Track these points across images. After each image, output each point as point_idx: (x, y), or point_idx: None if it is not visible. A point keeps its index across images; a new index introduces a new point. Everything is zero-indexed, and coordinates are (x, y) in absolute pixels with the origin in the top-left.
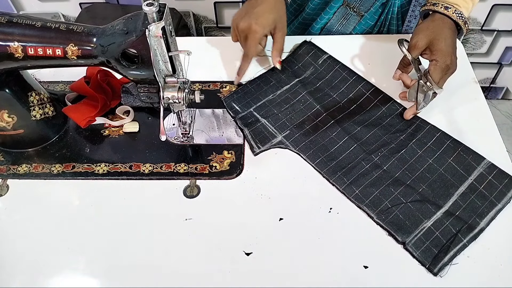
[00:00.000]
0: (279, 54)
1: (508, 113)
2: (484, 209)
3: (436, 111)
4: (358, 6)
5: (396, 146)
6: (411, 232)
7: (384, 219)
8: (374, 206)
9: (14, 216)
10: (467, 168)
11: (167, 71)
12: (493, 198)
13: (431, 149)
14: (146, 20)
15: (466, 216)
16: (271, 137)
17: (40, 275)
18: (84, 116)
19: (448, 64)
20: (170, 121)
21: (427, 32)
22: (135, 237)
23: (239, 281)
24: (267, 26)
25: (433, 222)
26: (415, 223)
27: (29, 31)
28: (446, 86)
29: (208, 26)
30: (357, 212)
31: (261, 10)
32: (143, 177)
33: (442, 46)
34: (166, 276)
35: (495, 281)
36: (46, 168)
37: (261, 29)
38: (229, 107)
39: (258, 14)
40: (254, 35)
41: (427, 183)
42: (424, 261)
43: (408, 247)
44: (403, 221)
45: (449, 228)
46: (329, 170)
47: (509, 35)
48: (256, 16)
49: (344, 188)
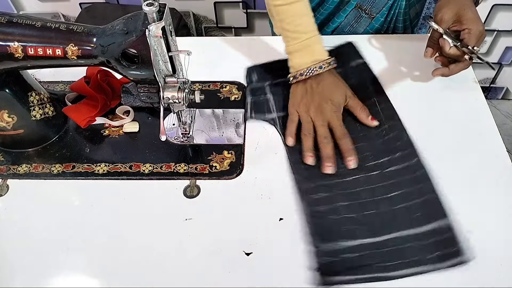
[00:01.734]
0: (367, 114)
1: (508, 113)
2: (409, 262)
3: (436, 111)
4: (370, 8)
5: (373, 165)
6: (327, 241)
7: (312, 220)
8: (311, 205)
9: (14, 216)
10: (425, 217)
11: (167, 71)
12: (427, 258)
13: (405, 184)
14: (146, 20)
15: (390, 257)
16: (267, 112)
17: (40, 275)
18: (84, 116)
19: (481, 30)
20: (170, 121)
21: (450, 6)
22: (135, 237)
23: (239, 281)
24: (343, 102)
25: (354, 244)
26: (334, 236)
27: (29, 31)
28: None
29: (208, 26)
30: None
31: (327, 89)
32: (143, 177)
33: (470, 14)
34: (166, 276)
35: (495, 281)
36: (46, 168)
37: (339, 109)
38: (248, 74)
39: (327, 94)
40: (338, 117)
41: (377, 210)
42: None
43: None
44: (326, 229)
45: (366, 257)
46: (299, 173)
47: (509, 35)
48: (326, 97)
49: (299, 186)
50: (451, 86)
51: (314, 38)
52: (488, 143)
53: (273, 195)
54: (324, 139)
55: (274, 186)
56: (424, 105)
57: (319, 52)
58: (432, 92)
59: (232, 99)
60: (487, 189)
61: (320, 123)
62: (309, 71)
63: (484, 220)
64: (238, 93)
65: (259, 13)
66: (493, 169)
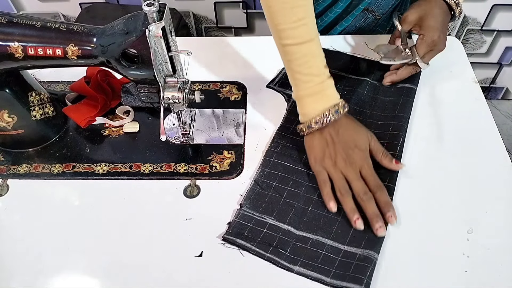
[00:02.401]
0: (390, 158)
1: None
2: (315, 266)
3: (436, 111)
4: (377, 9)
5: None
6: (253, 209)
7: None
8: (263, 176)
9: (14, 216)
10: (360, 241)
11: (167, 71)
12: (333, 271)
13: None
14: (146, 20)
15: (302, 252)
16: (290, 89)
17: (40, 275)
18: (84, 116)
19: (434, 39)
20: (170, 121)
21: (418, 9)
22: (135, 237)
23: (239, 281)
24: (367, 143)
25: (279, 226)
26: (263, 210)
27: (29, 31)
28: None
29: (208, 26)
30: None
31: (349, 135)
32: (143, 177)
33: (430, 22)
34: (166, 276)
35: (495, 281)
36: (46, 168)
37: (368, 154)
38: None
39: (350, 141)
40: (369, 164)
41: (323, 213)
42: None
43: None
44: (260, 200)
45: (282, 241)
46: (276, 147)
47: (509, 35)
48: (350, 145)
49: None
50: (451, 86)
51: (327, 81)
52: (488, 143)
53: None
54: (364, 195)
55: None
56: (424, 105)
57: (333, 97)
58: (432, 92)
59: (232, 99)
60: (487, 189)
61: (354, 176)
62: (325, 118)
63: (484, 220)
64: (238, 93)
65: (259, 13)
66: (493, 169)
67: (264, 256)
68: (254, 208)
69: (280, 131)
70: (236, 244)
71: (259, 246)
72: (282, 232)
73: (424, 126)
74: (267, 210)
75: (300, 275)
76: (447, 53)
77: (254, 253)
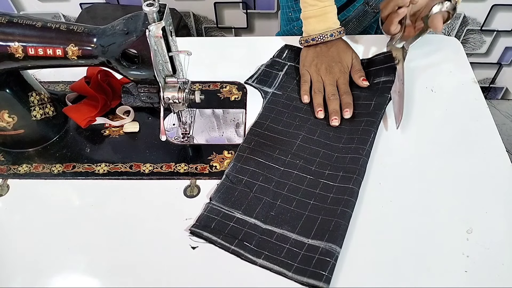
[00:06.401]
0: (360, 75)
1: (508, 113)
2: (278, 260)
3: (436, 111)
4: (376, 3)
5: (316, 171)
6: (222, 203)
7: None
8: (234, 170)
9: (14, 216)
10: (323, 235)
11: (167, 71)
12: (295, 265)
13: (330, 200)
14: (146, 20)
15: (266, 246)
16: (267, 86)
17: (40, 275)
18: (84, 116)
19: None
20: (170, 121)
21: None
22: (135, 237)
23: (239, 281)
24: (350, 62)
25: (246, 220)
26: (232, 204)
27: (29, 31)
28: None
29: (208, 27)
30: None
31: (336, 52)
32: (143, 177)
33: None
34: (166, 276)
35: (495, 281)
36: (46, 168)
37: (347, 70)
38: (281, 49)
39: (336, 56)
40: (345, 77)
41: (290, 207)
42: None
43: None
44: (230, 194)
45: (247, 234)
46: (249, 142)
47: (508, 35)
48: (335, 59)
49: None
50: (451, 86)
51: (330, 7)
52: (487, 143)
53: None
54: (331, 96)
55: None
56: (424, 105)
57: (332, 21)
58: (432, 92)
59: (232, 99)
60: (486, 189)
61: (330, 82)
62: (320, 37)
63: (484, 220)
64: (238, 93)
65: (259, 13)
66: (493, 169)
67: (229, 249)
68: (223, 202)
69: (254, 127)
70: (202, 236)
71: (225, 239)
72: (248, 225)
73: (424, 126)
74: (236, 204)
75: (263, 267)
76: (447, 53)
77: (220, 246)
